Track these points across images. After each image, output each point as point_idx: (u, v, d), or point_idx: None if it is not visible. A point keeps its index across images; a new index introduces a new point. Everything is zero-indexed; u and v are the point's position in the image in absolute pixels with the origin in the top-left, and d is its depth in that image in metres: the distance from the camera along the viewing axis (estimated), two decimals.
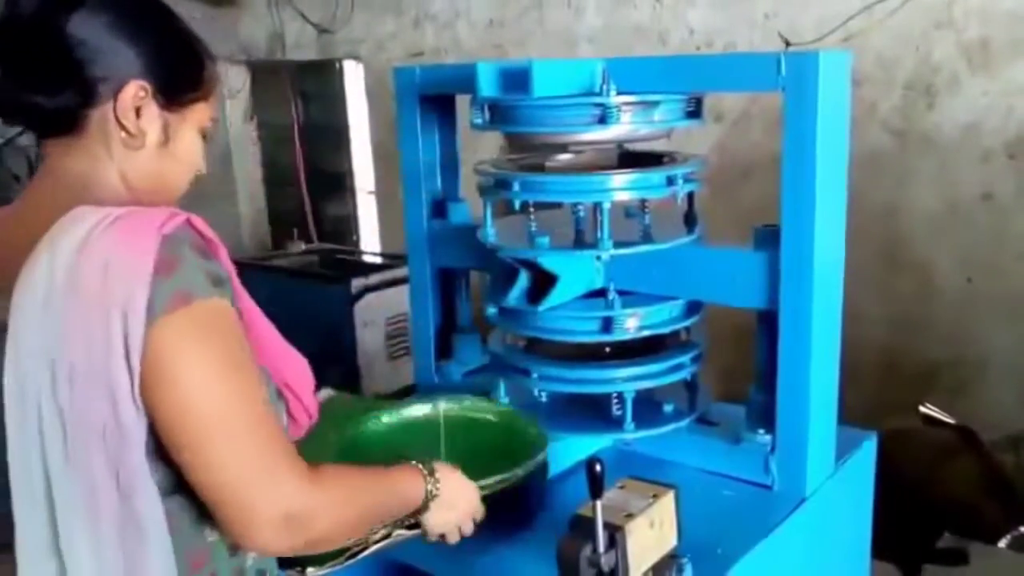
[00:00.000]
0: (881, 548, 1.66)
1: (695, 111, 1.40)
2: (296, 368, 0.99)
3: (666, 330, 1.42)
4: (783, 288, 1.29)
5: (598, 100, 1.31)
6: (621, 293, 1.41)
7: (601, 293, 1.42)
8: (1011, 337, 2.55)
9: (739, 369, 1.48)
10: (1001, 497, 2.12)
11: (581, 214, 1.46)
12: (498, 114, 1.39)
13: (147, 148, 0.91)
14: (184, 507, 0.87)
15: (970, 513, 2.05)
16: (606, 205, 1.32)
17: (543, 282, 1.37)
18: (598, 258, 1.37)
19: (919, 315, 2.70)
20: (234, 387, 0.83)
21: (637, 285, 1.42)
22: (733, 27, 2.94)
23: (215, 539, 0.89)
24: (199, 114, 0.95)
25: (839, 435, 1.43)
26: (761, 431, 1.38)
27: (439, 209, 1.68)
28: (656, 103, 1.34)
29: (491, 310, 1.49)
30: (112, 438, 0.80)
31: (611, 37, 3.24)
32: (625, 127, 1.33)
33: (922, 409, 2.34)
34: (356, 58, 4.25)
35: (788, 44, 2.76)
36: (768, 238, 1.31)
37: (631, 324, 1.40)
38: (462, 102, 1.55)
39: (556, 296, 1.37)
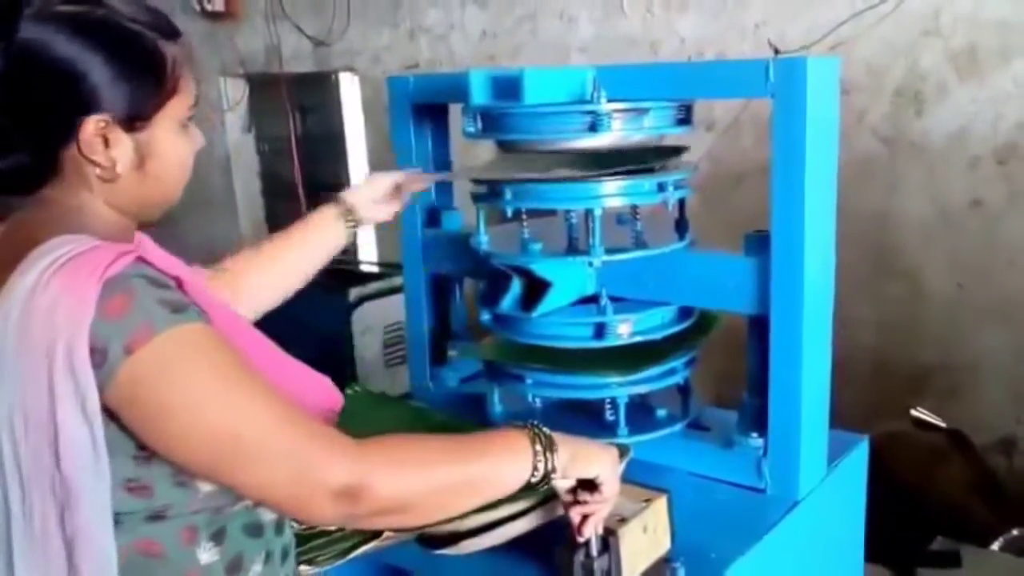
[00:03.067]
0: (874, 551, 1.67)
1: (685, 118, 1.42)
2: (302, 386, 0.96)
3: (658, 336, 1.43)
4: (773, 294, 1.30)
5: (589, 108, 1.32)
6: (613, 299, 1.42)
7: (594, 299, 1.43)
8: (1001, 341, 2.57)
9: (732, 373, 1.49)
10: (992, 500, 2.13)
11: (573, 221, 1.47)
12: (490, 122, 1.40)
13: (124, 175, 0.87)
14: (174, 533, 0.85)
15: (962, 516, 2.06)
16: (597, 212, 1.33)
17: (536, 288, 1.38)
18: (590, 264, 1.38)
19: (910, 320, 2.71)
20: (233, 396, 0.80)
21: (629, 291, 1.43)
22: (724, 36, 2.96)
23: (211, 560, 0.88)
24: (174, 110, 0.88)
25: (831, 439, 1.43)
26: (753, 435, 1.39)
27: (433, 219, 1.70)
28: (646, 110, 1.35)
29: (484, 316, 1.50)
30: (60, 492, 0.78)
31: (603, 47, 3.26)
32: (616, 134, 1.35)
33: (913, 413, 2.36)
34: (352, 70, 4.27)
35: (777, 52, 2.78)
36: (758, 244, 1.32)
37: (624, 329, 1.40)
38: (455, 111, 1.56)
39: (549, 302, 1.38)
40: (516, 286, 1.40)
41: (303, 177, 4.71)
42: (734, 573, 1.18)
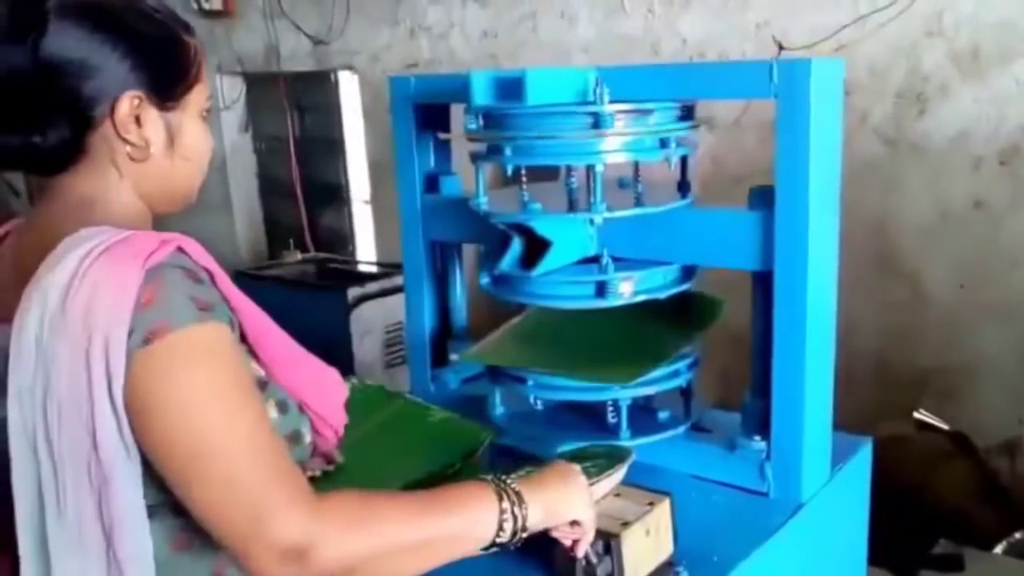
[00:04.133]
0: (877, 554, 1.66)
1: (687, 119, 1.41)
2: (319, 384, 0.96)
3: (661, 295, 1.40)
4: (777, 299, 1.29)
5: (591, 108, 1.32)
6: (615, 259, 1.39)
7: (595, 260, 1.41)
8: (1004, 343, 2.56)
9: (734, 375, 1.49)
10: (996, 503, 2.12)
11: (574, 185, 1.45)
12: (492, 122, 1.39)
13: (155, 155, 0.89)
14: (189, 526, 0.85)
15: (965, 519, 2.05)
16: (599, 168, 1.31)
17: (537, 248, 1.35)
18: (591, 222, 1.35)
19: (912, 322, 2.71)
20: (220, 414, 0.79)
21: (631, 251, 1.40)
22: (725, 36, 2.96)
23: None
24: (196, 99, 0.92)
25: (834, 441, 1.42)
26: (756, 438, 1.38)
27: (431, 185, 1.67)
28: (649, 111, 1.34)
29: (484, 279, 1.47)
30: (97, 478, 0.78)
31: (604, 47, 3.26)
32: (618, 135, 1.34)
33: (916, 415, 2.36)
34: (351, 69, 4.26)
35: (781, 49, 2.77)
36: (762, 198, 1.30)
37: (625, 289, 1.37)
38: (456, 111, 1.56)
39: (550, 261, 1.35)
40: (516, 245, 1.38)
41: (301, 177, 4.70)
42: None
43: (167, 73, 0.88)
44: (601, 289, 1.38)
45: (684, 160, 1.42)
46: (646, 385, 1.42)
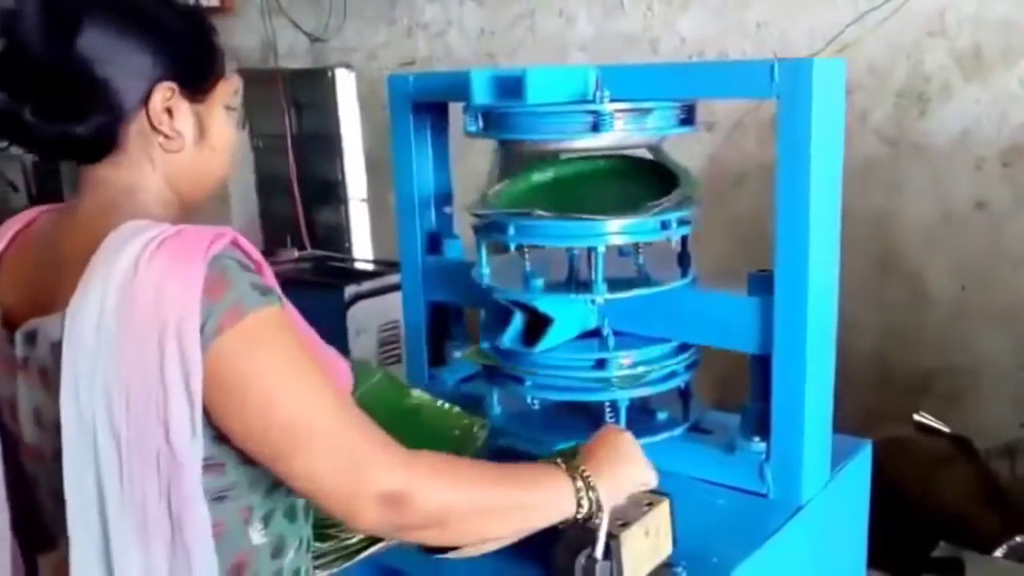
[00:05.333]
0: (876, 557, 1.66)
1: (688, 119, 1.41)
2: (330, 370, 0.98)
3: (661, 370, 1.43)
4: (778, 302, 1.29)
5: (591, 107, 1.31)
6: (616, 333, 1.43)
7: (596, 333, 1.44)
8: (1006, 345, 2.55)
9: (734, 375, 1.48)
10: (996, 506, 2.12)
11: (575, 253, 1.48)
12: (492, 121, 1.39)
13: (187, 147, 0.91)
14: (234, 512, 0.88)
15: (965, 522, 2.04)
16: (600, 249, 1.33)
17: (538, 323, 1.39)
18: (593, 301, 1.38)
19: (913, 323, 2.70)
20: (306, 385, 0.83)
21: (631, 326, 1.44)
22: (724, 36, 2.95)
23: (261, 542, 0.90)
24: (223, 91, 0.95)
25: (834, 443, 1.42)
26: (756, 439, 1.38)
27: (433, 245, 1.68)
28: (649, 110, 1.34)
29: (485, 345, 1.49)
30: (165, 465, 0.80)
31: (602, 45, 3.25)
32: (618, 134, 1.33)
33: (916, 418, 2.35)
34: (348, 67, 4.25)
35: (779, 51, 2.76)
36: (761, 284, 1.32)
37: (626, 363, 1.41)
38: (455, 110, 1.55)
39: (551, 338, 1.39)
40: (518, 321, 1.41)
41: (299, 174, 4.69)
42: None
43: (197, 66, 0.92)
44: (602, 364, 1.41)
45: (684, 236, 1.43)
46: (645, 385, 1.42)
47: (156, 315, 0.78)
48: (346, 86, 4.44)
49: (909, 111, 2.64)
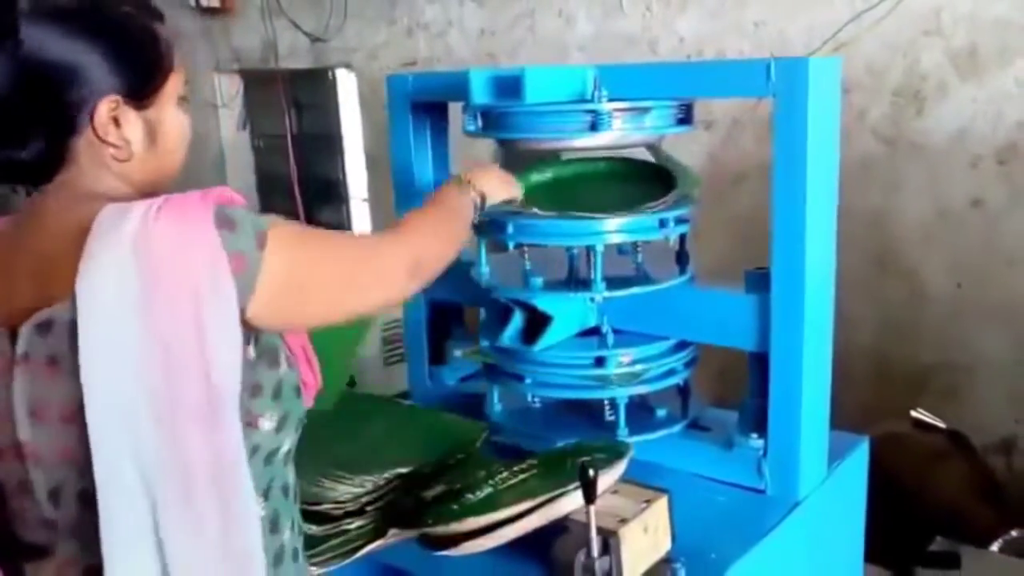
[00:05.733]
0: (873, 551, 1.67)
1: (686, 118, 1.42)
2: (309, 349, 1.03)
3: (660, 367, 1.44)
4: (775, 300, 1.30)
5: (590, 107, 1.32)
6: (615, 330, 1.45)
7: (595, 330, 1.46)
8: (1001, 342, 2.56)
9: (733, 372, 1.49)
10: (992, 501, 2.13)
11: (575, 251, 1.48)
12: (491, 121, 1.40)
13: (137, 153, 0.90)
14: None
15: (961, 517, 2.05)
16: (599, 248, 1.34)
17: (537, 321, 1.40)
18: (592, 299, 1.39)
19: (910, 320, 2.71)
20: (333, 242, 0.97)
21: (630, 324, 1.45)
22: (723, 35, 2.96)
23: (262, 514, 0.90)
24: (172, 88, 0.93)
25: (831, 439, 1.43)
26: (754, 436, 1.39)
27: None
28: (647, 110, 1.35)
29: (485, 344, 1.51)
30: (210, 411, 0.81)
31: (601, 45, 3.25)
32: (616, 134, 1.34)
33: (913, 414, 2.36)
34: (349, 67, 4.26)
35: (776, 51, 2.77)
36: (759, 282, 1.33)
37: (625, 360, 1.43)
38: (454, 109, 1.56)
39: (551, 336, 1.40)
40: (517, 319, 1.42)
41: (300, 174, 4.70)
42: (734, 574, 1.18)
43: (142, 74, 0.89)
44: (601, 362, 1.42)
45: (683, 234, 1.44)
46: (644, 383, 1.43)
47: (182, 265, 0.80)
48: (347, 86, 4.45)
49: (906, 110, 2.65)
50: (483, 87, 1.34)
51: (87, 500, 0.82)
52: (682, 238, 1.45)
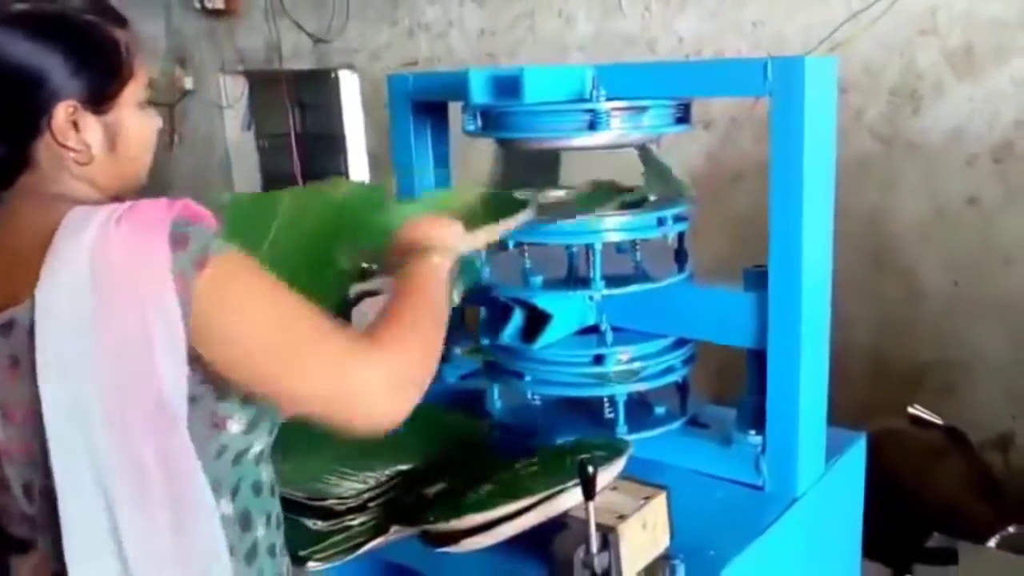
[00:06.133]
0: (871, 548, 1.67)
1: (684, 117, 1.42)
2: None
3: (658, 365, 1.45)
4: (772, 298, 1.31)
5: (588, 106, 1.33)
6: (614, 328, 1.45)
7: (594, 328, 1.47)
8: (998, 339, 2.57)
9: (732, 370, 1.50)
10: (989, 497, 2.14)
11: (574, 249, 1.49)
12: (490, 120, 1.41)
13: (97, 156, 0.91)
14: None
15: (959, 513, 2.06)
16: (598, 246, 1.35)
17: (537, 319, 1.41)
18: (591, 298, 1.40)
19: (907, 318, 2.72)
20: (284, 307, 0.87)
21: (629, 322, 1.46)
22: (721, 35, 2.97)
23: (230, 514, 0.91)
24: (132, 94, 0.93)
25: (829, 436, 1.44)
26: (752, 432, 1.40)
27: None
28: (645, 109, 1.36)
29: (485, 342, 1.51)
30: (160, 420, 0.82)
31: (601, 45, 3.26)
32: (614, 133, 1.35)
33: (910, 410, 2.36)
34: (351, 67, 4.27)
35: (774, 51, 2.78)
36: (757, 280, 1.34)
37: (623, 358, 1.44)
38: (455, 109, 1.57)
39: (550, 334, 1.41)
40: (517, 317, 1.43)
41: (303, 173, 4.71)
42: (733, 570, 1.19)
43: (98, 78, 0.89)
44: (600, 359, 1.43)
45: (681, 232, 1.45)
46: (642, 380, 1.44)
47: (133, 280, 0.80)
48: (349, 87, 4.46)
49: (902, 109, 2.66)
50: (482, 87, 1.35)
51: (51, 498, 0.83)
52: (680, 236, 1.46)
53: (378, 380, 0.87)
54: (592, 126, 1.33)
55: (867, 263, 2.73)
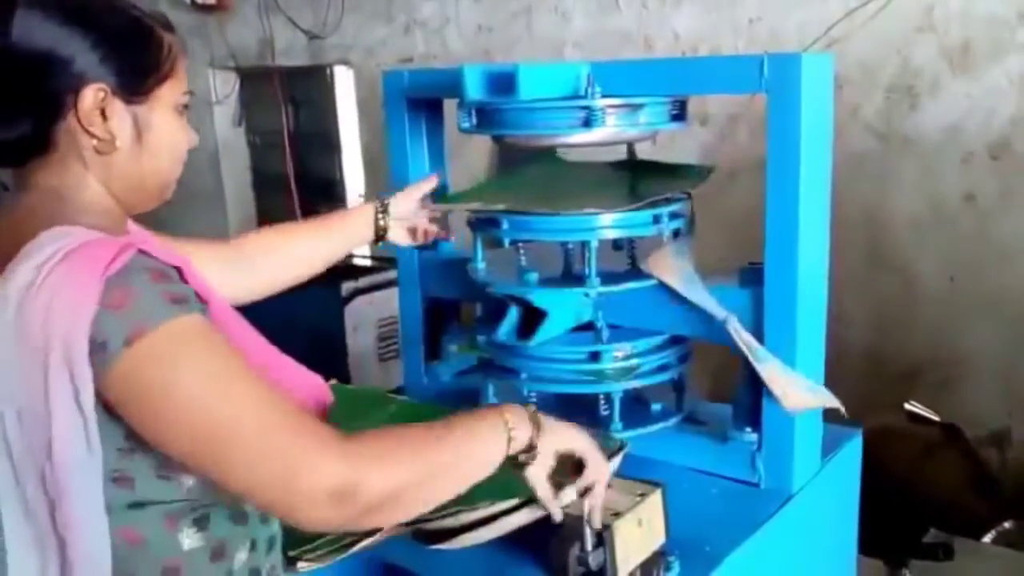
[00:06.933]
0: (867, 544, 1.68)
1: (680, 114, 1.42)
2: (291, 389, 0.94)
3: (654, 362, 1.45)
4: (767, 293, 1.31)
5: (583, 103, 1.33)
6: (610, 326, 1.45)
7: (590, 326, 1.46)
8: (994, 335, 2.58)
9: (728, 367, 1.50)
10: (986, 492, 2.14)
11: (570, 246, 1.49)
12: (485, 117, 1.40)
13: (122, 149, 0.88)
14: (156, 521, 0.85)
15: (955, 508, 2.07)
16: (593, 243, 1.35)
17: (533, 316, 1.40)
18: (587, 294, 1.40)
19: (903, 314, 2.72)
20: (226, 393, 0.80)
21: (625, 319, 1.46)
22: (718, 32, 2.97)
23: (195, 547, 0.88)
24: (169, 94, 0.90)
25: (824, 433, 1.44)
26: (748, 429, 1.40)
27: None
28: (641, 106, 1.35)
29: (481, 339, 1.51)
30: (51, 485, 0.79)
31: (598, 42, 3.26)
32: (610, 130, 1.35)
33: (907, 407, 2.37)
34: (346, 64, 4.26)
35: (770, 48, 2.78)
36: (752, 277, 1.34)
37: (619, 356, 1.43)
38: (450, 106, 1.56)
39: (546, 331, 1.40)
40: (513, 314, 1.42)
41: (296, 171, 4.70)
42: (728, 566, 1.18)
43: (134, 66, 0.87)
44: (596, 357, 1.42)
45: (677, 231, 1.44)
46: (638, 377, 1.44)
47: (44, 333, 0.75)
48: (344, 83, 4.45)
49: (899, 106, 2.66)
50: (477, 83, 1.34)
51: None
52: (676, 233, 1.46)
53: (325, 489, 0.79)
54: (587, 123, 1.33)
55: (863, 260, 2.73)
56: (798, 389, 1.29)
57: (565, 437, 1.03)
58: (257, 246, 1.30)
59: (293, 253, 1.34)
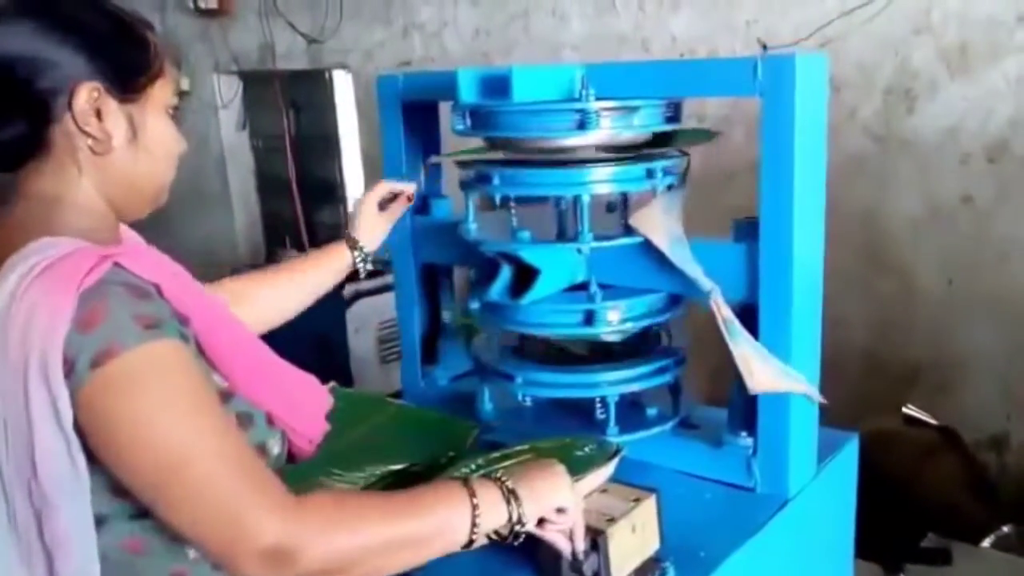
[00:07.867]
0: (864, 548, 1.67)
1: (675, 116, 1.42)
2: (292, 393, 0.96)
3: (648, 322, 1.42)
4: (762, 288, 1.30)
5: (577, 106, 1.32)
6: (604, 287, 1.41)
7: (583, 287, 1.42)
8: (992, 338, 2.57)
9: (722, 372, 1.50)
10: (984, 497, 2.14)
11: (563, 208, 1.47)
12: (479, 120, 1.40)
13: (117, 149, 0.88)
14: (160, 530, 0.85)
15: (953, 513, 2.06)
16: (586, 198, 1.32)
17: (526, 276, 1.37)
18: (579, 251, 1.37)
19: (901, 317, 2.72)
20: (182, 430, 0.78)
21: (619, 278, 1.42)
22: (715, 34, 2.97)
23: (199, 555, 0.87)
24: (160, 94, 0.91)
25: (821, 437, 1.43)
26: (743, 434, 1.39)
27: (422, 206, 1.68)
28: (635, 108, 1.35)
29: (474, 305, 1.49)
30: (37, 501, 0.79)
31: (595, 45, 3.26)
32: (604, 132, 1.34)
33: (904, 410, 2.36)
34: (345, 68, 4.27)
35: (765, 48, 2.78)
36: (748, 230, 1.32)
37: (613, 317, 1.39)
38: (445, 109, 1.56)
39: (539, 290, 1.37)
40: (505, 273, 1.39)
41: (298, 174, 4.71)
42: (724, 572, 1.18)
43: (125, 64, 0.87)
44: (589, 318, 1.39)
45: (670, 187, 1.42)
46: (634, 381, 1.43)
47: (23, 347, 0.75)
48: (343, 87, 4.46)
49: (897, 107, 2.66)
50: (471, 86, 1.34)
51: None
52: (670, 189, 1.44)
53: (261, 548, 0.78)
54: (582, 126, 1.32)
55: (861, 262, 2.73)
56: (768, 371, 1.26)
57: (546, 501, 1.01)
58: (231, 292, 1.25)
59: (266, 302, 1.32)
